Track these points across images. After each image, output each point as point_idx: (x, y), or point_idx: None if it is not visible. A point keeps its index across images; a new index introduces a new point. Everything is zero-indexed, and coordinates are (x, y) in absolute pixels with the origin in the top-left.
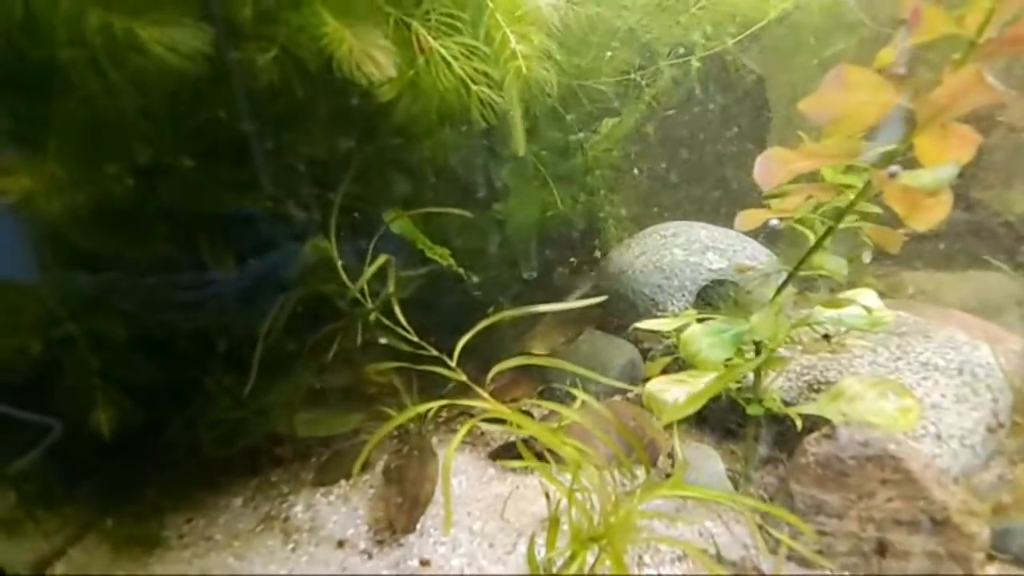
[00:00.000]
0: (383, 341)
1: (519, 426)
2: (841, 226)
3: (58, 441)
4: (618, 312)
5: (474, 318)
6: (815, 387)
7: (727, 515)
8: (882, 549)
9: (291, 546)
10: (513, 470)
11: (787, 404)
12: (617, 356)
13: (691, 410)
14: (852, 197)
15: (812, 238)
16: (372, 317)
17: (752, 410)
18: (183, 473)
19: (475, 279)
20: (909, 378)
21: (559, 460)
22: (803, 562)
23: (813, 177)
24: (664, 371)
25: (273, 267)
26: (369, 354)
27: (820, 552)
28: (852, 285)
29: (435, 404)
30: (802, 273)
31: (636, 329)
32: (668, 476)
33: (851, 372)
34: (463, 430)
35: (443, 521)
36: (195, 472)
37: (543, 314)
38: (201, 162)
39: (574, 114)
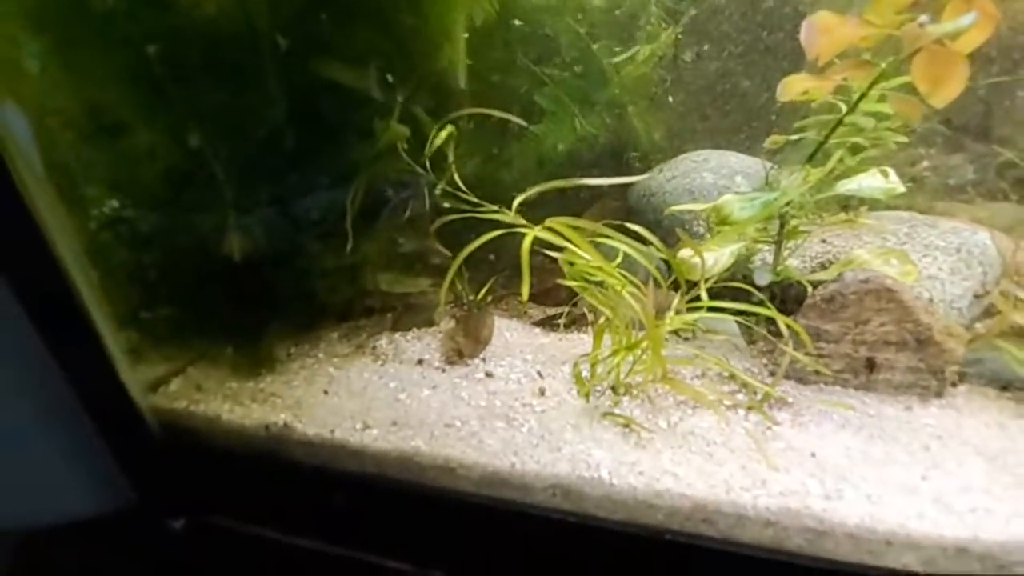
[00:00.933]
0: (446, 205)
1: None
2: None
3: (186, 282)
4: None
5: None
6: (827, 267)
7: (738, 357)
8: (871, 365)
9: (380, 363)
10: (555, 332)
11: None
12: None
13: (716, 272)
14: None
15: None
16: (438, 188)
17: (768, 278)
18: (291, 316)
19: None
20: (914, 255)
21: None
22: (801, 380)
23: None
24: None
25: (355, 144)
26: (438, 225)
27: (816, 372)
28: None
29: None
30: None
31: (669, 213)
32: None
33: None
34: None
35: (506, 354)
36: (301, 316)
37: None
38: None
39: (608, 39)
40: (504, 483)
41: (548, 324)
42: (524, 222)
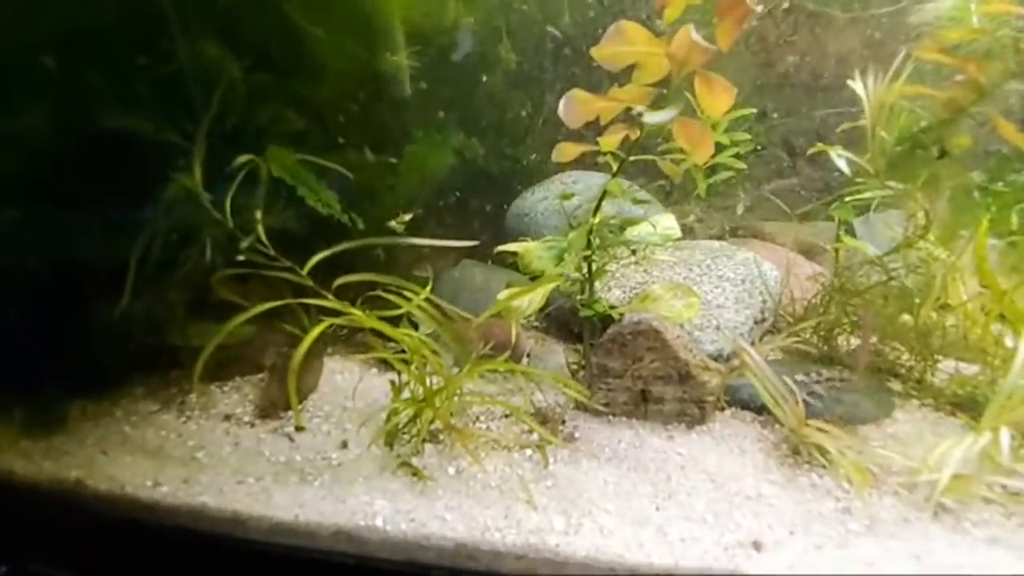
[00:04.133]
0: (240, 258)
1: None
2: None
3: None
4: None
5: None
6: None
7: (550, 392)
8: (646, 397)
9: (183, 419)
10: (389, 371)
11: (615, 307)
12: (497, 283)
13: (528, 312)
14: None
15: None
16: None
17: (583, 313)
18: (79, 373)
19: (360, 225)
20: (707, 286)
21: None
22: (595, 413)
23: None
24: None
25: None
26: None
27: (607, 404)
28: (733, 232)
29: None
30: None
31: (500, 252)
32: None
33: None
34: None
35: (326, 403)
36: (102, 373)
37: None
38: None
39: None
40: (291, 532)
41: (387, 363)
42: (311, 283)
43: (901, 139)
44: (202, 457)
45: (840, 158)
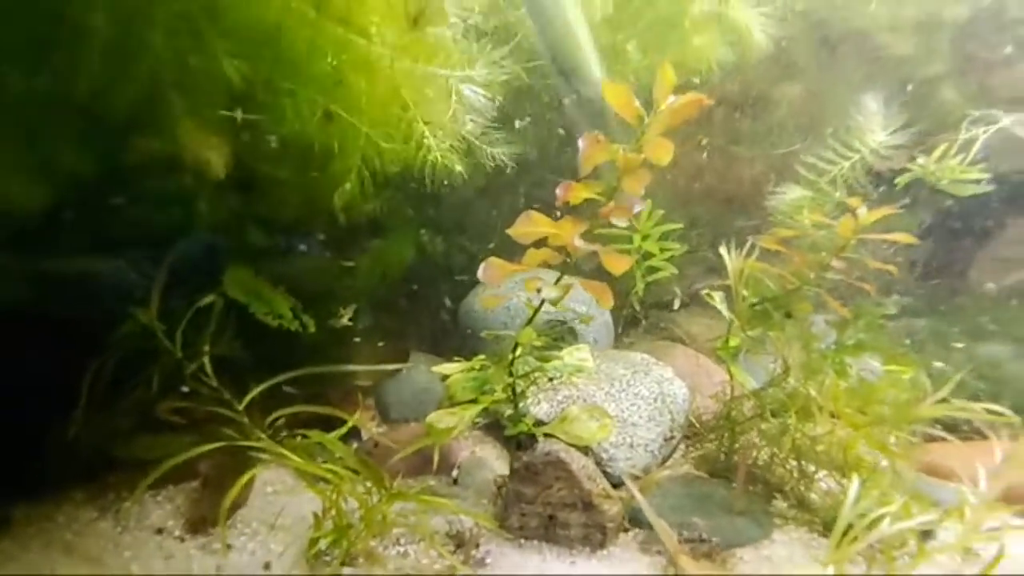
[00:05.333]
0: (185, 389)
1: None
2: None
3: None
4: (469, 348)
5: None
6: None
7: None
8: (554, 522)
9: (119, 529)
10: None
11: (543, 423)
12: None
13: (453, 434)
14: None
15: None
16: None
17: (509, 430)
18: (36, 479)
19: (311, 328)
20: (624, 403)
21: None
22: (509, 537)
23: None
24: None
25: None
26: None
27: (520, 527)
28: (665, 329)
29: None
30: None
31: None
32: (455, 481)
33: (591, 401)
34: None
35: (254, 519)
36: (48, 483)
37: (376, 348)
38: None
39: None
40: None
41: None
42: (246, 421)
43: (756, 300)
44: (136, 570)
45: (720, 304)
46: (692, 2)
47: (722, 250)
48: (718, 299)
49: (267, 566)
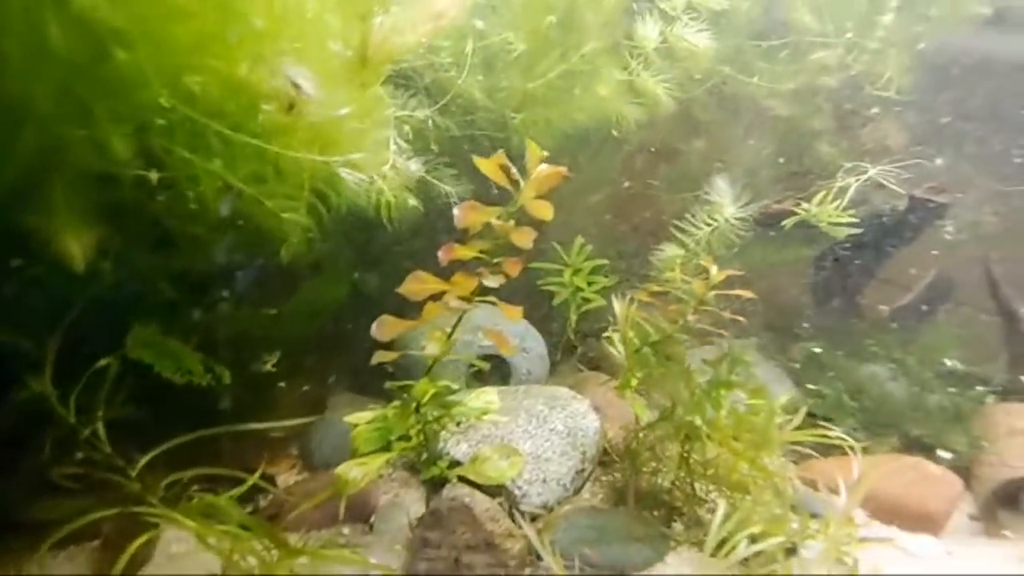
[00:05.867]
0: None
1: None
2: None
3: None
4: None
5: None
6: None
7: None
8: (458, 566)
9: None
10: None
11: (459, 464)
12: None
13: (362, 484)
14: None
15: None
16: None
17: (424, 474)
18: None
19: (225, 380)
20: (540, 439)
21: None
22: None
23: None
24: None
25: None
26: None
27: (427, 573)
28: (595, 357)
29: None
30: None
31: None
32: (371, 527)
33: (509, 438)
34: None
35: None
36: None
37: (297, 393)
38: None
39: None
40: None
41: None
42: (138, 487)
43: (638, 346)
44: None
45: (616, 348)
46: (605, 68)
47: (613, 299)
48: (616, 340)
49: None
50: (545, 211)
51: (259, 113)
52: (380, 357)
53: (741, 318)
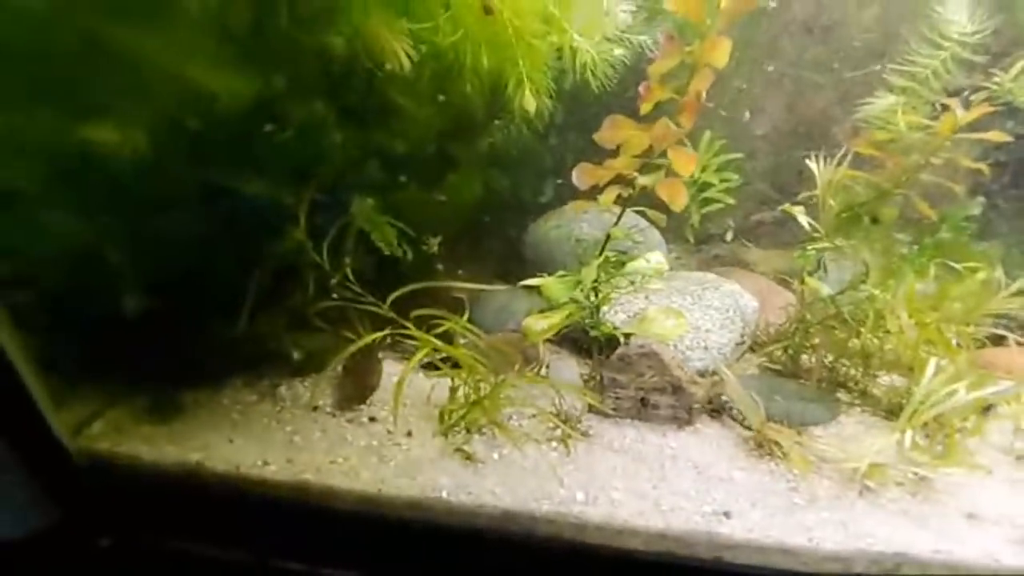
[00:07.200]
0: (335, 297)
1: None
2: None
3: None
4: (539, 274)
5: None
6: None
7: (567, 398)
8: (645, 403)
9: (278, 408)
10: (435, 375)
11: (617, 328)
12: (517, 304)
13: (548, 334)
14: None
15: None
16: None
17: (592, 334)
18: (202, 369)
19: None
20: (697, 312)
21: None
22: (605, 415)
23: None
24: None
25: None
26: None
27: (615, 408)
28: (722, 259)
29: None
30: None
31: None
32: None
33: None
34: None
35: (388, 401)
36: (210, 369)
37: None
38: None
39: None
40: (372, 501)
41: (430, 368)
42: (393, 316)
43: (844, 208)
44: (298, 441)
45: (801, 217)
46: None
47: (809, 162)
48: (798, 212)
49: (409, 434)
50: (722, 54)
51: None
52: (576, 207)
53: (983, 167)
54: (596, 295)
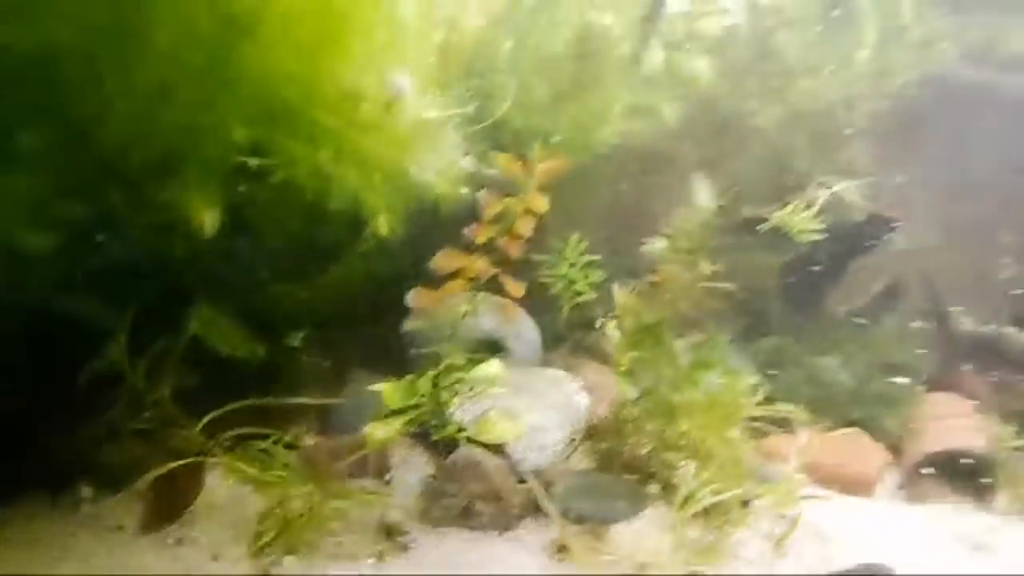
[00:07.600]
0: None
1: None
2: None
3: None
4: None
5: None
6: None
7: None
8: (468, 511)
9: (76, 528)
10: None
11: (463, 429)
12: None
13: (388, 442)
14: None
15: None
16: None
17: (435, 435)
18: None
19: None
20: (537, 414)
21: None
22: (433, 524)
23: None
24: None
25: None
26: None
27: (441, 517)
28: (592, 346)
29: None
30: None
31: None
32: (387, 482)
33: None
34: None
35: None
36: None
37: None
38: None
39: None
40: None
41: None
42: (204, 442)
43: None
44: (93, 566)
45: (614, 332)
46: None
47: (613, 288)
48: (611, 327)
49: (215, 558)
50: (541, 204)
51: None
52: (412, 324)
53: (722, 306)
54: (438, 399)
